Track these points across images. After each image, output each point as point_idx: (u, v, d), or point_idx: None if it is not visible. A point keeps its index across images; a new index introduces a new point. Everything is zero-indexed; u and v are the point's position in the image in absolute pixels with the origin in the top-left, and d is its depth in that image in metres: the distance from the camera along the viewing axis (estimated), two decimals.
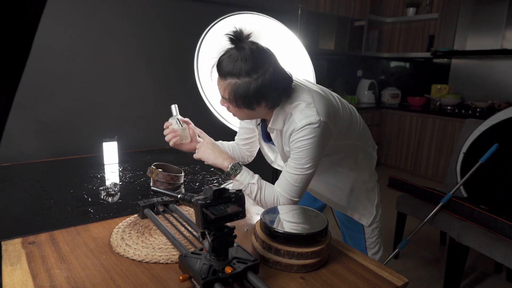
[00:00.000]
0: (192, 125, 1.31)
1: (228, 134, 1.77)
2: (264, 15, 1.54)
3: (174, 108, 1.35)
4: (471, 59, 4.08)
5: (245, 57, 0.97)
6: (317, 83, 1.65)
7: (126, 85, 2.08)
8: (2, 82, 0.41)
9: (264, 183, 1.11)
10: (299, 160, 1.05)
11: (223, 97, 1.07)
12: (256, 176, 1.11)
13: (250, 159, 1.43)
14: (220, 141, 1.49)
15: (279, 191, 1.09)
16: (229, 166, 1.11)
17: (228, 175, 1.13)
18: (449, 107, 4.07)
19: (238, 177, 1.10)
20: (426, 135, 3.99)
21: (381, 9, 4.70)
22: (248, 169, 1.13)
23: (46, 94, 1.85)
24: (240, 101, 1.02)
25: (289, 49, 1.60)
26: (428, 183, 3.36)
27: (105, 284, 0.78)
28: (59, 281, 0.79)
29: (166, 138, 1.26)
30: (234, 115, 1.13)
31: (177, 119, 1.31)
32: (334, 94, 1.21)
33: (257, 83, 0.98)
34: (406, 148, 4.23)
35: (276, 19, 1.56)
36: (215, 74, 1.06)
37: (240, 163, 1.13)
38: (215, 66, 1.05)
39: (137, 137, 2.11)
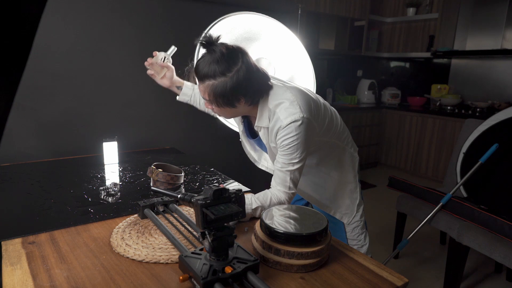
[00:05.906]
0: (172, 69, 1.46)
1: (228, 135, 1.78)
2: (264, 15, 1.54)
3: (172, 49, 1.47)
4: (471, 59, 4.08)
5: (216, 59, 1.03)
6: (317, 83, 1.65)
7: (126, 85, 2.08)
8: (2, 82, 0.41)
9: (261, 195, 1.11)
10: (288, 156, 1.10)
11: (204, 99, 1.12)
12: (250, 196, 1.09)
13: None
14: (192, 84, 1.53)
15: (279, 189, 1.12)
16: None
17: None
18: (449, 107, 4.07)
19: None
20: (426, 135, 3.99)
21: (381, 9, 4.70)
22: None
23: (46, 94, 1.85)
24: (220, 100, 1.07)
25: (289, 49, 1.60)
26: (428, 183, 3.37)
27: (105, 284, 0.78)
28: (59, 281, 0.79)
29: (145, 63, 1.44)
30: (219, 115, 1.19)
31: (164, 57, 1.43)
32: (315, 93, 1.27)
33: (232, 80, 1.04)
34: (406, 148, 4.23)
35: (276, 19, 1.56)
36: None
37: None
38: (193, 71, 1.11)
39: (137, 137, 2.11)
